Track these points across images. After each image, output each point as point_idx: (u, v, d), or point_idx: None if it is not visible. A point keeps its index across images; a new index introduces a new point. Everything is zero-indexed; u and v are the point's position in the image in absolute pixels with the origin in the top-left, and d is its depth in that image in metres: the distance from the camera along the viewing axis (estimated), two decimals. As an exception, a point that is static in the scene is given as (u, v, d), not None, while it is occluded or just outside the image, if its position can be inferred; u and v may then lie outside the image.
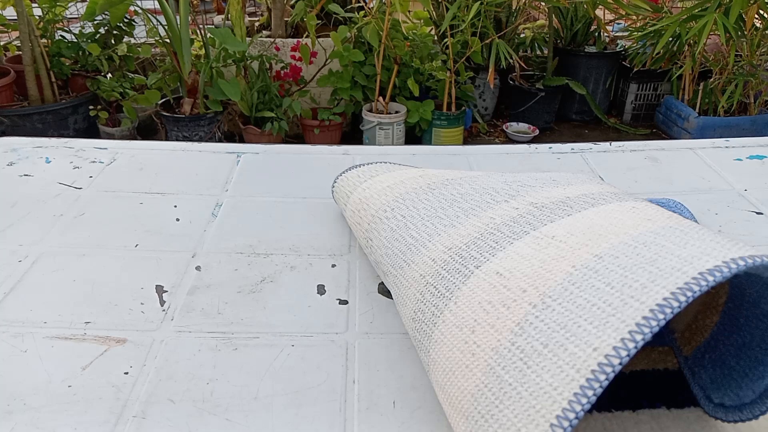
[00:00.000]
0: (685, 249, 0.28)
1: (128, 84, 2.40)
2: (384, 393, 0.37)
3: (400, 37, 2.32)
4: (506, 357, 0.28)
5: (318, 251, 0.50)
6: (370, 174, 0.52)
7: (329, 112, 2.42)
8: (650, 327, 0.25)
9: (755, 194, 0.60)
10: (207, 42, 2.34)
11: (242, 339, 0.41)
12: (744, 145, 0.71)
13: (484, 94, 2.77)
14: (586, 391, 0.25)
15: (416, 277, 0.38)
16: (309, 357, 0.39)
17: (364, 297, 0.45)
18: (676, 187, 0.62)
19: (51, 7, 2.44)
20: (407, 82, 2.33)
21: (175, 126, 2.31)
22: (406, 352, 0.40)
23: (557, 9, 2.76)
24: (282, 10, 2.49)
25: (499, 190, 0.42)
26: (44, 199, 0.57)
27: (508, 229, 0.36)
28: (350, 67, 2.37)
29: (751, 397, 0.32)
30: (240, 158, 0.67)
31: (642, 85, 2.82)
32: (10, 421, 0.34)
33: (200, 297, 0.44)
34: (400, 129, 2.40)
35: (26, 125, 2.29)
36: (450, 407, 0.31)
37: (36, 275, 0.46)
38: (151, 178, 0.62)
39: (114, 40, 2.49)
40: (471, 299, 0.32)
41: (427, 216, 0.42)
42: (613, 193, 0.39)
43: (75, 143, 0.69)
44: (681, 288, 0.26)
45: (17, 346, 0.39)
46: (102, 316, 0.42)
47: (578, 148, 0.70)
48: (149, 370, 0.38)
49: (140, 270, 0.47)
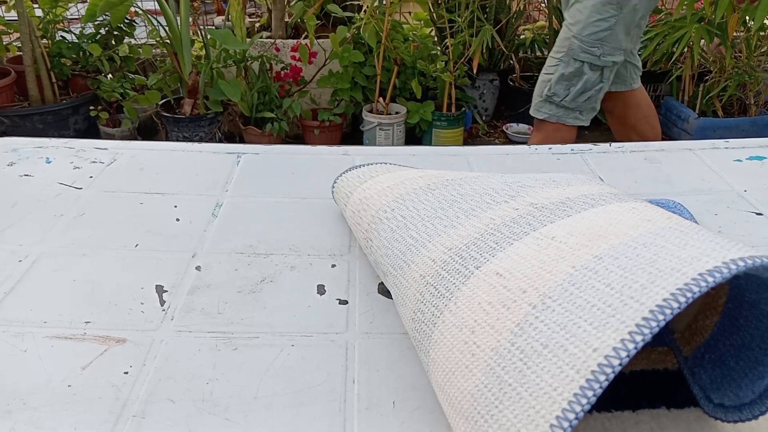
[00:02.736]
0: (685, 250, 0.28)
1: (129, 84, 2.40)
2: (384, 393, 0.37)
3: (400, 38, 2.32)
4: (506, 357, 0.28)
5: (318, 251, 0.50)
6: (370, 174, 0.52)
7: (329, 112, 2.42)
8: (650, 328, 0.25)
9: (755, 195, 0.60)
10: (207, 43, 2.34)
11: (242, 339, 0.41)
12: (744, 146, 0.71)
13: (484, 95, 2.77)
14: (586, 392, 0.25)
15: (416, 277, 0.38)
16: (309, 357, 0.39)
17: (364, 297, 0.45)
18: (675, 188, 0.62)
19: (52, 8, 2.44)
20: (411, 84, 2.33)
21: (176, 126, 2.31)
22: (406, 352, 0.40)
23: (557, 10, 2.76)
24: (282, 11, 2.49)
25: (499, 190, 0.42)
26: (44, 199, 0.57)
27: (508, 230, 0.36)
28: (350, 67, 2.37)
29: (751, 397, 0.32)
30: (240, 158, 0.67)
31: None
32: (10, 421, 0.34)
33: (200, 297, 0.45)
34: (400, 130, 2.41)
35: (26, 125, 2.29)
36: (450, 407, 0.31)
37: (36, 275, 0.46)
38: (151, 178, 0.62)
39: (115, 41, 2.49)
40: (471, 300, 0.32)
41: (427, 216, 0.42)
42: (612, 194, 0.39)
43: (75, 143, 0.69)
44: (681, 289, 0.26)
45: (17, 346, 0.39)
46: (102, 316, 0.42)
47: (578, 149, 0.70)
48: (149, 370, 0.38)
49: (140, 270, 0.47)
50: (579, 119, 1.50)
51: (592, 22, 1.38)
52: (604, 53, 1.41)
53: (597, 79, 1.45)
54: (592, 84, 1.45)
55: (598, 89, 1.47)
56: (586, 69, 1.43)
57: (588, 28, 1.38)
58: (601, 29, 1.38)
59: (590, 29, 1.38)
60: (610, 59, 1.42)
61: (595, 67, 1.42)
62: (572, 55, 1.43)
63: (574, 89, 1.45)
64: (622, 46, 1.42)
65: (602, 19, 1.37)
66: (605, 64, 1.42)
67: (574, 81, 1.45)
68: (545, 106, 1.51)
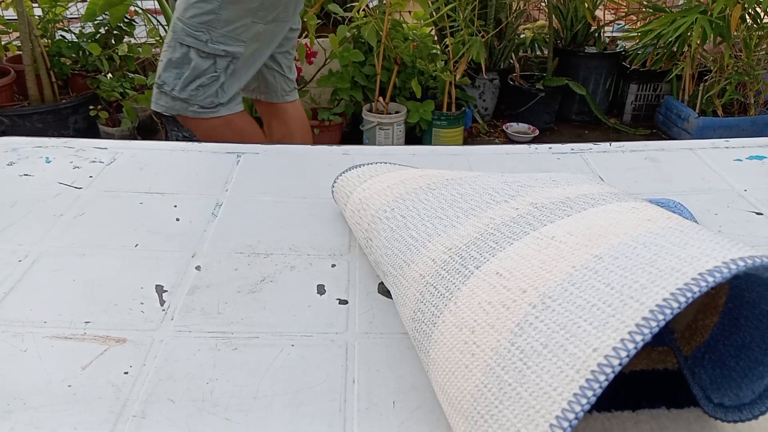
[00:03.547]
0: (685, 250, 0.28)
1: (128, 84, 2.40)
2: (384, 393, 0.37)
3: (400, 37, 2.32)
4: (506, 357, 0.28)
5: (318, 251, 0.50)
6: (370, 174, 0.52)
7: (329, 112, 2.42)
8: (650, 328, 0.25)
9: (755, 194, 0.60)
10: (207, 42, 2.34)
11: (242, 339, 0.41)
12: (744, 145, 0.71)
13: (484, 94, 2.77)
14: (586, 392, 0.25)
15: (416, 277, 0.38)
16: (309, 357, 0.39)
17: (364, 297, 0.45)
18: (675, 188, 0.62)
19: (51, 7, 2.44)
20: (411, 84, 2.33)
21: (176, 126, 2.31)
22: (406, 352, 0.40)
23: (557, 9, 2.76)
24: (282, 10, 2.49)
25: (499, 190, 0.42)
26: (44, 199, 0.57)
27: (507, 230, 0.36)
28: (350, 67, 2.37)
29: (751, 397, 0.32)
30: (240, 158, 0.67)
31: (642, 86, 2.82)
32: (10, 421, 0.34)
33: (200, 297, 0.44)
34: (400, 129, 2.41)
35: (26, 125, 2.29)
36: (450, 407, 0.31)
37: (36, 275, 0.46)
38: (151, 178, 0.62)
39: (114, 40, 2.49)
40: (471, 299, 0.32)
41: (427, 216, 0.42)
42: (612, 194, 0.39)
43: (75, 143, 0.69)
44: (680, 289, 0.26)
45: (17, 346, 0.39)
46: (102, 316, 0.42)
47: (578, 149, 0.70)
48: (149, 370, 0.38)
49: (140, 270, 0.47)
50: (200, 113, 1.33)
51: (194, 3, 1.23)
52: (212, 39, 1.25)
53: (209, 68, 1.28)
54: (203, 72, 1.28)
55: (212, 79, 1.29)
56: (193, 55, 1.27)
57: (190, 10, 1.24)
58: (203, 11, 1.23)
59: (192, 11, 1.24)
60: (221, 47, 1.26)
61: (204, 54, 1.27)
62: (178, 39, 1.27)
63: (184, 77, 1.29)
64: (238, 36, 1.27)
65: (204, 1, 1.23)
66: (215, 51, 1.27)
67: (184, 69, 1.28)
68: (161, 97, 1.33)
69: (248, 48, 1.31)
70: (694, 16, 2.13)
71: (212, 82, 1.30)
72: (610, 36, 3.03)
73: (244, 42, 1.29)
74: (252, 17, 1.28)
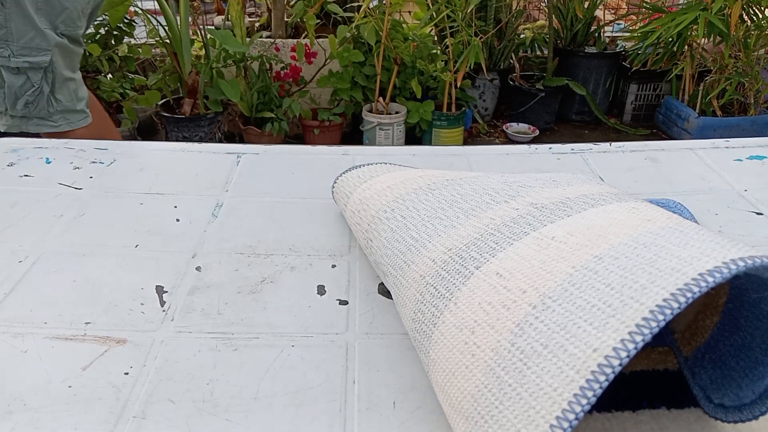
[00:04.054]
0: (685, 250, 0.28)
1: (128, 84, 2.40)
2: (384, 393, 0.37)
3: (400, 37, 2.32)
4: (506, 358, 0.28)
5: (318, 251, 0.50)
6: (370, 174, 0.52)
7: (329, 112, 2.42)
8: (650, 328, 0.25)
9: (755, 195, 0.60)
10: (207, 42, 2.34)
11: (242, 339, 0.41)
12: (744, 145, 0.71)
13: (484, 94, 2.77)
14: (586, 392, 0.25)
15: (416, 277, 0.38)
16: (309, 357, 0.39)
17: (364, 297, 0.45)
18: (676, 188, 0.62)
19: (51, 8, 2.44)
20: (411, 84, 2.33)
21: (176, 126, 2.31)
22: (406, 352, 0.40)
23: (557, 9, 2.76)
24: (282, 10, 2.49)
25: (499, 190, 0.42)
26: (44, 200, 0.57)
27: (507, 230, 0.36)
28: (350, 67, 2.37)
29: (751, 397, 0.32)
30: (240, 159, 0.67)
31: (642, 86, 2.82)
32: (10, 421, 0.34)
33: (200, 297, 0.45)
34: (400, 129, 2.41)
35: (26, 125, 2.29)
36: (450, 408, 0.31)
37: (36, 275, 0.46)
38: (151, 178, 0.62)
39: (114, 41, 2.49)
40: (471, 300, 0.32)
41: (427, 216, 0.42)
42: (612, 194, 0.39)
43: (75, 143, 0.69)
44: (681, 289, 0.26)
45: (17, 346, 0.39)
46: (102, 317, 0.42)
47: (578, 149, 0.70)
48: (149, 371, 0.38)
49: (140, 270, 0.47)
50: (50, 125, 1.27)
51: None
52: (13, 53, 1.20)
53: (25, 84, 1.23)
54: (21, 89, 1.22)
55: (34, 93, 1.24)
56: (4, 74, 1.22)
57: None
58: None
59: None
60: (22, 59, 1.20)
61: (13, 70, 1.21)
62: None
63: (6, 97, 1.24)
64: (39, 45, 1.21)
65: None
66: (20, 65, 1.21)
67: (4, 88, 1.24)
68: (1, 117, 1.29)
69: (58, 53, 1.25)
70: (695, 13, 2.14)
71: (37, 96, 1.25)
72: (610, 36, 3.03)
73: (48, 50, 1.23)
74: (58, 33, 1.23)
